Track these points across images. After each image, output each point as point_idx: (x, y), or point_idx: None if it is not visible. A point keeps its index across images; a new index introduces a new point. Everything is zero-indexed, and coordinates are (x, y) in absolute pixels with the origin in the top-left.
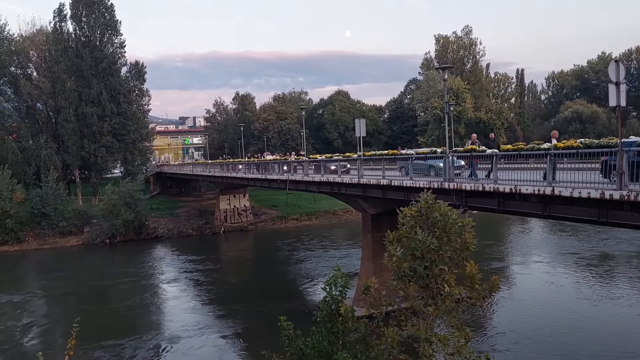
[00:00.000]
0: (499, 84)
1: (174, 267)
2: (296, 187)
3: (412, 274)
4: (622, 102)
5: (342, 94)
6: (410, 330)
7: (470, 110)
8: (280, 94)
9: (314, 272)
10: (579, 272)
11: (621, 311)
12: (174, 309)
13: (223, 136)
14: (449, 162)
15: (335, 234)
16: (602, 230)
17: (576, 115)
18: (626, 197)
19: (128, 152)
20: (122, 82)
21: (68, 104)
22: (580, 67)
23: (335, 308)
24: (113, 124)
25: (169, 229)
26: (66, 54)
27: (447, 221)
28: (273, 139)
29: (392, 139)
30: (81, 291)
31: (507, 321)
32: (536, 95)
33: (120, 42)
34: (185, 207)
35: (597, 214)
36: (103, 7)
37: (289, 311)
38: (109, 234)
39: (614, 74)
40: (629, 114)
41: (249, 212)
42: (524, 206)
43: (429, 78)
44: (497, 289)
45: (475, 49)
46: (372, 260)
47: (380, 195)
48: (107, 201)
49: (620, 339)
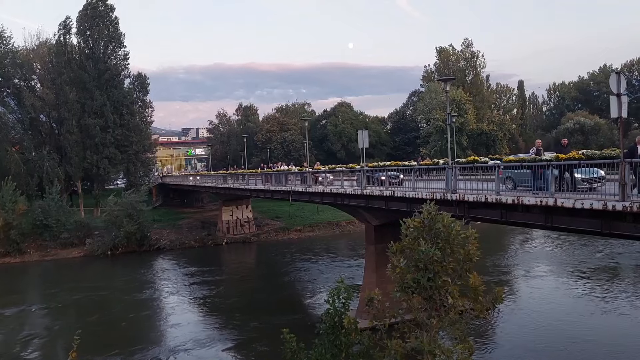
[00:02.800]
0: (500, 96)
1: (176, 278)
2: (299, 198)
3: (416, 285)
4: (624, 113)
5: (345, 106)
6: (414, 343)
7: (472, 122)
8: (284, 105)
9: (317, 284)
10: (582, 284)
11: (625, 323)
12: (176, 321)
13: (226, 147)
14: (451, 173)
15: (339, 245)
16: (606, 241)
17: (578, 126)
18: (629, 208)
19: (131, 163)
20: (125, 93)
21: (71, 116)
22: (581, 79)
23: (339, 320)
24: (116, 136)
25: (171, 241)
26: (70, 65)
27: (450, 232)
28: (276, 150)
29: (395, 150)
30: (82, 303)
31: (511, 333)
32: (537, 107)
33: (124, 54)
34: (188, 219)
35: (600, 225)
36: (108, 20)
37: (292, 323)
38: (111, 245)
39: (615, 85)
40: (631, 125)
41: (252, 223)
42: (527, 217)
43: (430, 90)
44: (501, 300)
45: (476, 61)
46: (375, 271)
47: (383, 206)
48: (109, 212)
49: (625, 351)
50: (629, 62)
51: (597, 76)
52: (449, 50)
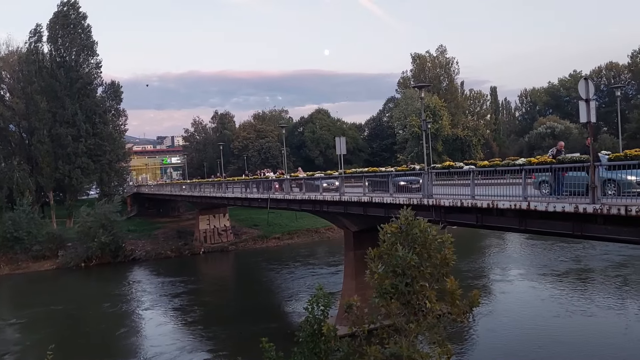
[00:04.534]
0: (474, 102)
1: (151, 289)
2: (277, 205)
3: (394, 290)
4: (593, 118)
5: (322, 113)
6: (393, 348)
7: (447, 128)
8: (260, 112)
9: (296, 291)
10: (555, 286)
11: (599, 322)
12: (152, 332)
13: (202, 155)
14: (427, 178)
15: (317, 251)
16: (578, 242)
17: (550, 131)
18: (599, 210)
19: (104, 173)
20: (98, 102)
21: (42, 125)
22: (551, 85)
23: (318, 328)
24: (88, 145)
25: (147, 251)
26: (40, 74)
27: (427, 237)
28: (253, 158)
29: (373, 157)
30: (55, 317)
31: (488, 336)
32: (510, 112)
33: (97, 63)
34: (164, 228)
35: (571, 228)
36: (80, 28)
37: (271, 332)
38: (84, 257)
39: (583, 91)
40: (600, 129)
41: (230, 231)
42: (502, 221)
43: (406, 96)
44: (477, 303)
45: (450, 68)
46: (354, 277)
47: (362, 212)
48: (82, 223)
49: (598, 350)
50: (596, 68)
51: (566, 82)
52: (425, 56)
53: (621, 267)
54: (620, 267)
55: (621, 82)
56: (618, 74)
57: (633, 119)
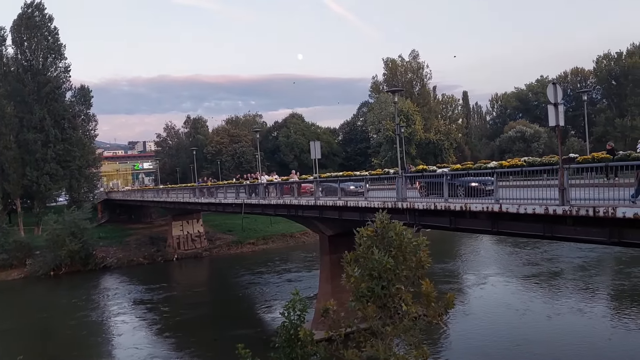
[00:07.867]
0: (446, 106)
1: (123, 297)
2: (252, 210)
3: (370, 294)
4: (561, 122)
5: (296, 117)
6: (370, 351)
7: (420, 132)
8: (234, 117)
9: (272, 297)
10: (529, 286)
11: (570, 322)
12: (124, 342)
13: (175, 160)
14: (401, 182)
15: (293, 256)
16: (550, 243)
17: (520, 134)
18: (568, 212)
19: (74, 179)
20: (67, 107)
21: (8, 131)
22: (520, 90)
23: (294, 332)
24: (57, 151)
25: (119, 258)
26: (6, 78)
27: (403, 240)
28: (227, 162)
29: (347, 161)
30: (23, 328)
31: (463, 337)
32: (481, 116)
33: (65, 66)
34: (136, 235)
35: (542, 229)
36: (46, 31)
37: (247, 338)
38: (53, 265)
39: (552, 95)
40: (568, 133)
41: (203, 237)
42: (475, 223)
43: (380, 101)
44: (452, 305)
45: (422, 72)
46: (330, 281)
47: (337, 217)
48: (51, 231)
49: (571, 349)
50: (562, 74)
51: (534, 87)
52: (396, 61)
53: (591, 268)
54: (590, 267)
55: (587, 87)
56: (584, 79)
57: (599, 122)
